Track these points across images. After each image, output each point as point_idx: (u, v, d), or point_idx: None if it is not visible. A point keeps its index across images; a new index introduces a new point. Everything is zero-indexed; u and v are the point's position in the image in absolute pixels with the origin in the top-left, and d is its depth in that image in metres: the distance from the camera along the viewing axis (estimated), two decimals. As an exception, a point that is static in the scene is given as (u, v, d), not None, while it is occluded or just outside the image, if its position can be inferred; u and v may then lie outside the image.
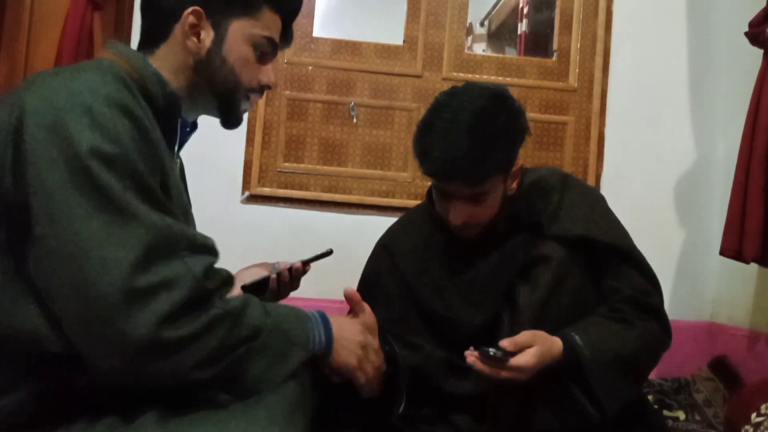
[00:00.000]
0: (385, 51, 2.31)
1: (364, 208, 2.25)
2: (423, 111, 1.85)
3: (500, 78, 2.33)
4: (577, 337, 1.20)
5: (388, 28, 2.36)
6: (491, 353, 1.12)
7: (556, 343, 1.19)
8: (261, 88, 1.08)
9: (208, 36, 1.02)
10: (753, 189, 1.88)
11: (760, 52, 1.92)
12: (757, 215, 1.86)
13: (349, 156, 2.28)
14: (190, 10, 1.00)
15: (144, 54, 1.03)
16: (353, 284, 1.45)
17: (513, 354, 1.13)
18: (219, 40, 1.02)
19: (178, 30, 1.01)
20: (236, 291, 1.17)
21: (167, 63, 1.02)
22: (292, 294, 1.28)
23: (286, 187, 2.23)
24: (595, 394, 1.19)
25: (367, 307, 1.09)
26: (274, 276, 1.20)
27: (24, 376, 0.84)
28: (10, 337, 0.83)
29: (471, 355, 1.14)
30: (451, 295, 1.32)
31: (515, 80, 2.34)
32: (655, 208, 2.33)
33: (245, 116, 1.17)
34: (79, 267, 0.78)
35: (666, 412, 2.00)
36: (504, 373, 1.13)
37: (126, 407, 0.83)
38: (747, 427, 1.55)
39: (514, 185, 1.31)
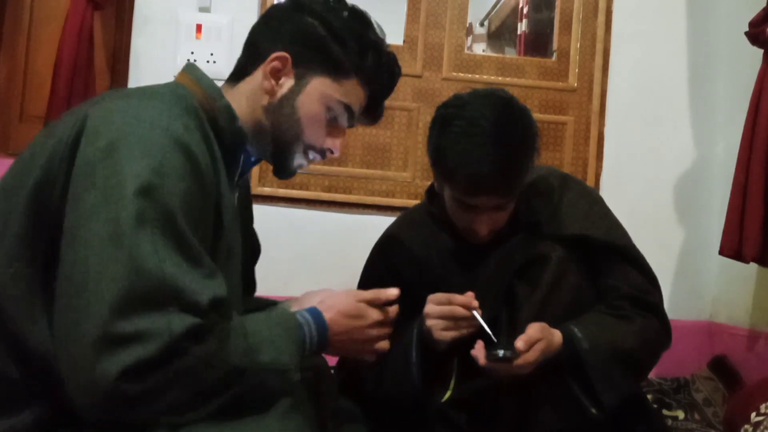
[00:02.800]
0: (385, 51, 2.30)
1: (364, 208, 2.25)
2: (423, 111, 1.83)
3: (500, 78, 2.33)
4: (576, 330, 1.21)
5: (388, 28, 2.34)
6: (500, 356, 1.13)
7: (557, 336, 1.20)
8: (322, 150, 1.07)
9: (287, 83, 1.03)
10: (753, 189, 1.88)
11: (760, 52, 1.92)
12: (756, 215, 1.86)
13: (349, 156, 2.27)
14: (277, 54, 1.02)
15: (227, 85, 1.05)
16: (352, 284, 1.45)
17: (521, 353, 1.14)
18: (296, 90, 1.03)
19: (261, 69, 1.03)
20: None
21: (242, 98, 1.03)
22: (291, 294, 1.28)
23: (286, 187, 2.23)
24: (595, 391, 1.20)
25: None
26: None
27: (35, 395, 0.84)
28: (25, 355, 0.83)
29: (481, 358, 1.15)
30: (451, 296, 1.32)
31: (515, 80, 2.34)
32: (655, 208, 2.32)
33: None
34: (77, 297, 0.77)
35: (665, 412, 2.00)
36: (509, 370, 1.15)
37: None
38: (747, 426, 1.55)
39: None
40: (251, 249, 1.21)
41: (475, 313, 1.18)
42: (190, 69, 1.02)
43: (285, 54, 1.02)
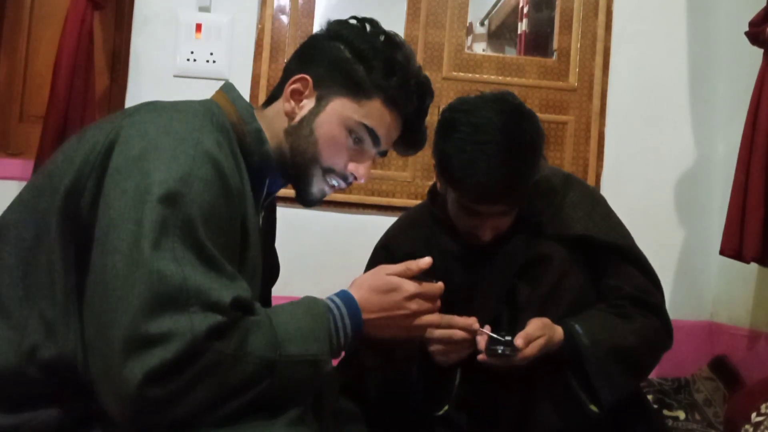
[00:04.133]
0: (385, 51, 2.30)
1: (364, 208, 2.25)
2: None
3: (500, 77, 2.33)
4: (577, 326, 1.22)
5: (388, 28, 2.35)
6: (500, 352, 1.14)
7: (558, 331, 1.21)
8: (344, 175, 1.04)
9: (308, 105, 1.03)
10: (753, 188, 1.88)
11: (761, 51, 1.92)
12: (757, 215, 1.86)
13: (349, 156, 2.27)
14: (298, 76, 1.03)
15: (259, 109, 1.05)
16: (353, 284, 1.45)
17: (521, 349, 1.14)
18: (316, 111, 1.02)
19: (283, 92, 1.04)
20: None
21: (269, 121, 1.04)
22: (291, 294, 1.28)
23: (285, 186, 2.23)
24: (593, 387, 1.20)
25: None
26: None
27: (52, 398, 0.84)
28: (55, 357, 0.83)
29: (481, 349, 1.16)
30: (453, 297, 1.32)
31: (515, 80, 2.34)
32: (655, 208, 2.32)
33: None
34: (105, 303, 0.77)
35: (666, 412, 2.01)
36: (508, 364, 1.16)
37: None
38: (747, 426, 1.55)
39: None
40: (271, 270, 1.20)
41: (485, 330, 1.18)
42: (228, 89, 1.03)
43: (305, 76, 1.03)
